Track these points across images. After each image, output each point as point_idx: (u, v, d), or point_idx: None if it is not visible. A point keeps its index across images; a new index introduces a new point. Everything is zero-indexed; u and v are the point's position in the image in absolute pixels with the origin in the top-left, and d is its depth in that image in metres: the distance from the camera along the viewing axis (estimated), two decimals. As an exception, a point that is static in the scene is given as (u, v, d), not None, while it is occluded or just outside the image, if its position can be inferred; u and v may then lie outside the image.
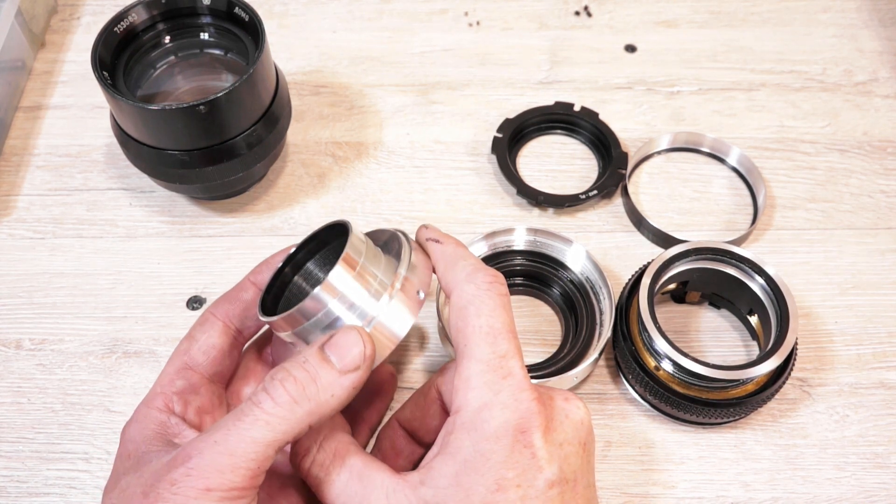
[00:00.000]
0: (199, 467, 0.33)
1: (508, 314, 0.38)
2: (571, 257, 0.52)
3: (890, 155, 0.61)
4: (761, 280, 0.49)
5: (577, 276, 0.52)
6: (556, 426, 0.37)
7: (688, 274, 0.50)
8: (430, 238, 0.42)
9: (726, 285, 0.50)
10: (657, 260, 0.48)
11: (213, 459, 0.33)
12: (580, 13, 0.71)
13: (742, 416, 0.48)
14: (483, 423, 0.36)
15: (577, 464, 0.37)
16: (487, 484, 0.35)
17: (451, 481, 0.35)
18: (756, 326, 0.51)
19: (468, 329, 0.38)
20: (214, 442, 0.34)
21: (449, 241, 0.41)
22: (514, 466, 0.35)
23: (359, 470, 0.37)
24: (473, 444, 0.36)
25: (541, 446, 0.36)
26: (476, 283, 0.38)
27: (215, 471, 0.33)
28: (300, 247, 0.44)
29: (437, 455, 0.37)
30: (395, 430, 0.44)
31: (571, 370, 0.47)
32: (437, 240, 0.41)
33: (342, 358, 0.36)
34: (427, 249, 0.42)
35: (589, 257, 0.51)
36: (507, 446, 0.35)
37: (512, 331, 0.38)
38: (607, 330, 0.48)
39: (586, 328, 0.50)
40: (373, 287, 0.39)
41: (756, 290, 0.49)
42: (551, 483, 0.35)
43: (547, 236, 0.52)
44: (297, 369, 0.35)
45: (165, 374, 0.41)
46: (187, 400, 0.41)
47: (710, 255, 0.49)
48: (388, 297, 0.39)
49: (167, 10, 0.53)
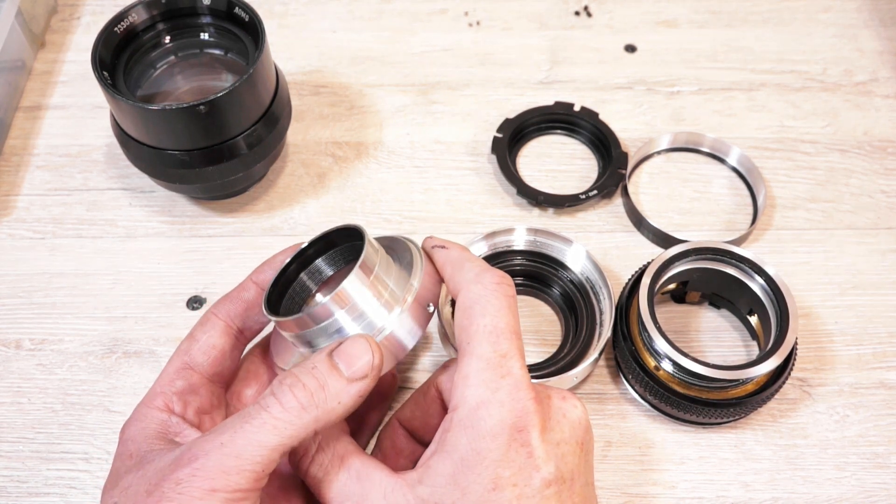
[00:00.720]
0: (205, 468, 0.33)
1: (514, 315, 0.38)
2: (571, 257, 0.52)
3: (890, 155, 0.61)
4: (761, 280, 0.49)
5: (577, 276, 0.52)
6: (553, 425, 0.37)
7: (688, 274, 0.50)
8: (437, 245, 0.42)
9: (726, 285, 0.50)
10: (657, 260, 0.48)
11: (219, 461, 0.33)
12: (580, 13, 0.71)
13: (742, 415, 0.48)
14: (480, 420, 0.36)
15: (575, 463, 0.37)
16: (484, 482, 0.35)
17: (448, 480, 0.35)
18: (756, 326, 0.51)
19: (472, 327, 0.38)
20: (221, 444, 0.34)
21: (454, 245, 0.42)
22: (511, 465, 0.35)
23: (357, 470, 0.37)
24: (470, 441, 0.36)
25: (537, 445, 0.36)
26: (483, 284, 0.39)
27: (221, 472, 0.33)
28: (309, 245, 0.44)
29: (435, 453, 0.37)
30: (395, 429, 0.44)
31: (571, 370, 0.47)
32: (442, 246, 0.42)
33: (351, 366, 0.36)
34: (433, 256, 0.42)
35: (589, 257, 0.51)
36: (504, 444, 0.35)
37: (515, 332, 0.38)
38: (607, 330, 0.48)
39: (586, 328, 0.50)
40: (384, 298, 0.39)
41: (756, 290, 0.49)
42: (548, 482, 0.35)
43: (547, 236, 0.52)
44: (306, 376, 0.36)
45: (165, 374, 0.41)
46: (187, 400, 0.41)
47: (710, 255, 0.49)
48: (399, 310, 0.39)
49: (167, 10, 0.53)
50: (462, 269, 0.40)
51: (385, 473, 0.37)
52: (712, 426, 0.49)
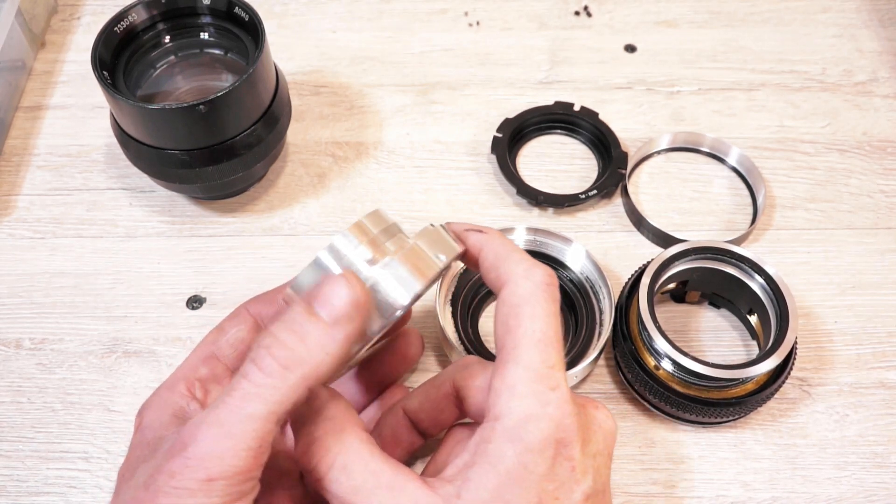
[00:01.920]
0: (198, 455, 0.31)
1: (559, 321, 0.37)
2: (571, 257, 0.52)
3: (890, 155, 0.61)
4: (761, 279, 0.49)
5: (576, 276, 0.52)
6: (590, 437, 0.36)
7: (687, 273, 0.50)
8: (471, 229, 0.39)
9: (726, 285, 0.50)
10: (657, 259, 0.49)
11: (211, 446, 0.31)
12: (580, 13, 0.71)
13: (742, 415, 0.48)
14: (529, 434, 0.34)
15: (606, 474, 0.37)
16: (529, 497, 0.33)
17: (493, 495, 0.33)
18: (756, 326, 0.51)
19: (520, 331, 0.35)
20: (209, 426, 0.31)
21: (493, 231, 0.39)
22: (555, 479, 0.34)
23: (388, 481, 0.34)
24: (517, 455, 0.34)
25: (580, 459, 0.35)
26: (534, 281, 0.36)
27: (215, 458, 0.31)
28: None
29: (474, 465, 0.34)
30: (398, 418, 0.42)
31: (571, 369, 0.47)
32: (479, 230, 0.39)
33: (330, 308, 0.33)
34: (465, 240, 0.39)
35: (588, 257, 0.51)
36: (550, 459, 0.34)
37: (561, 340, 0.36)
38: (607, 329, 0.48)
39: (586, 327, 0.50)
40: (378, 250, 0.37)
41: (756, 290, 0.49)
42: (587, 495, 0.35)
43: (547, 236, 0.52)
44: (282, 332, 0.33)
45: (189, 362, 0.40)
46: (208, 388, 0.39)
47: (709, 255, 0.49)
48: (390, 259, 0.36)
49: (167, 10, 0.54)
50: (509, 259, 0.37)
51: (418, 485, 0.34)
52: (712, 425, 0.49)
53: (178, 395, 0.38)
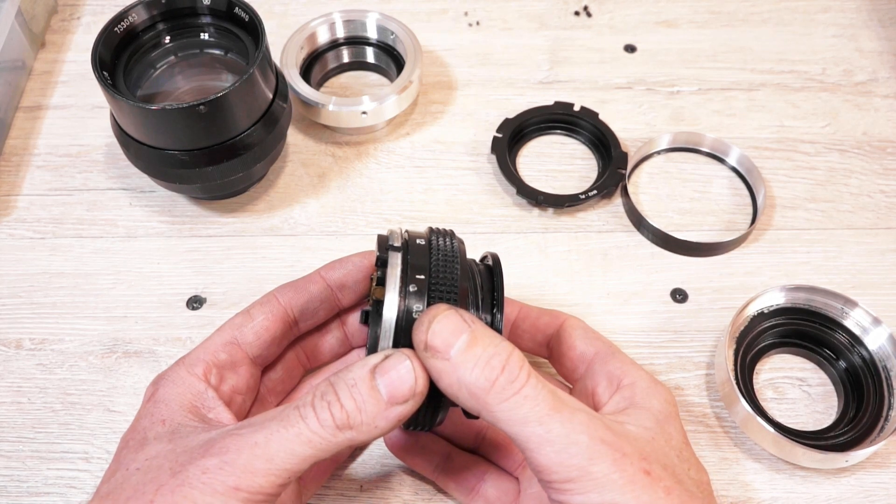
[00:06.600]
0: (234, 464, 0.33)
1: None
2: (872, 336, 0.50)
3: (890, 155, 0.61)
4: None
5: (869, 354, 0.50)
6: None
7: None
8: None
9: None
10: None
11: (249, 461, 0.33)
12: (580, 13, 0.71)
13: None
14: (654, 398, 0.39)
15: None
16: (679, 435, 0.38)
17: (655, 424, 0.37)
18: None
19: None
20: (255, 443, 0.34)
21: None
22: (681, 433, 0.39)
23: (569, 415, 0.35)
24: (660, 405, 0.38)
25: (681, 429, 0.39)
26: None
27: (248, 472, 0.33)
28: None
29: (629, 407, 0.38)
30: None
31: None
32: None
33: (392, 389, 0.35)
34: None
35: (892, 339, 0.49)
36: (673, 418, 0.39)
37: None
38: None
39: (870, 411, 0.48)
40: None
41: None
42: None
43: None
44: (345, 396, 0.35)
45: (211, 343, 0.41)
46: (224, 375, 0.40)
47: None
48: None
49: (167, 10, 0.54)
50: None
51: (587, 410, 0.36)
52: (712, 426, 0.49)
53: (196, 378, 0.39)
